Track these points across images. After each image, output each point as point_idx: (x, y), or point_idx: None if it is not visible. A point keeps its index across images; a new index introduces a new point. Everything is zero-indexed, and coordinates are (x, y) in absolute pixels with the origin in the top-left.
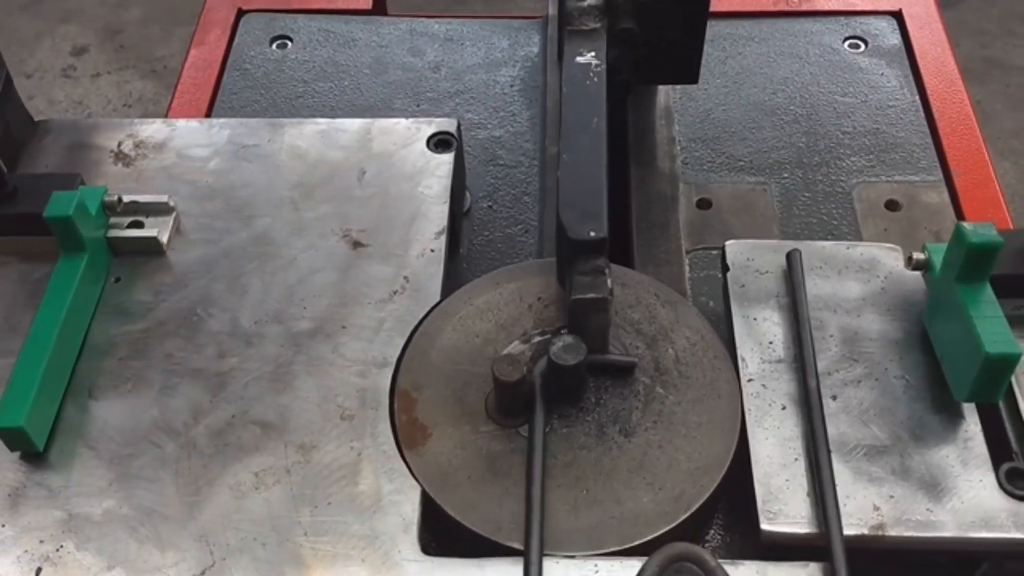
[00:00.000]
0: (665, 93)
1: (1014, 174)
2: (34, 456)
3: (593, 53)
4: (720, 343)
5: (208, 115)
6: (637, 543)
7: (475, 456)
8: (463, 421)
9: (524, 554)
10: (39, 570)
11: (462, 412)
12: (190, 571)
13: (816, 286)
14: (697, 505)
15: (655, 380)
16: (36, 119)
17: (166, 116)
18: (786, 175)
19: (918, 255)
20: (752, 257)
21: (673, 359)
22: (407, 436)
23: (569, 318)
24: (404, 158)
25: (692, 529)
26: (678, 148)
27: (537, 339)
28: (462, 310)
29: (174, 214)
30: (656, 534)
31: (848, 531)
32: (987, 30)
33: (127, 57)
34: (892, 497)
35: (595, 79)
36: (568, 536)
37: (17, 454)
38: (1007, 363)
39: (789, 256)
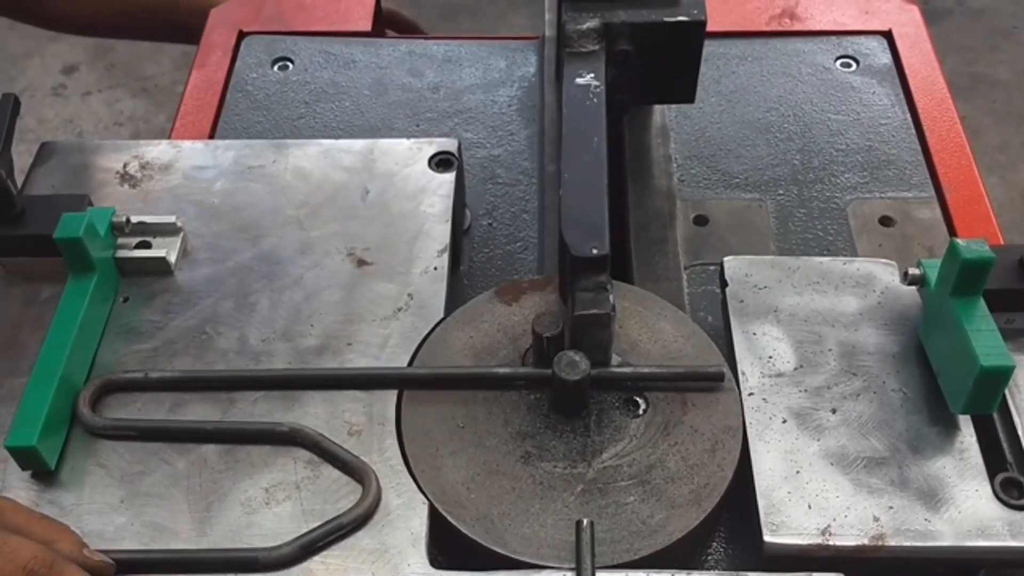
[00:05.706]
0: (661, 112)
1: (1001, 188)
2: (45, 475)
3: (592, 74)
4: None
5: (212, 136)
6: (641, 555)
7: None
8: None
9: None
10: None
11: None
12: None
13: (814, 301)
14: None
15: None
16: (27, 138)
17: (169, 136)
18: (781, 192)
19: (913, 270)
20: (750, 273)
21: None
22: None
23: (572, 334)
24: (406, 177)
25: (696, 541)
26: (674, 166)
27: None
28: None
29: (181, 234)
30: (660, 547)
31: (849, 542)
32: (972, 46)
33: (117, 75)
34: (891, 508)
35: (594, 99)
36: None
37: (28, 473)
38: (1002, 375)
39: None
